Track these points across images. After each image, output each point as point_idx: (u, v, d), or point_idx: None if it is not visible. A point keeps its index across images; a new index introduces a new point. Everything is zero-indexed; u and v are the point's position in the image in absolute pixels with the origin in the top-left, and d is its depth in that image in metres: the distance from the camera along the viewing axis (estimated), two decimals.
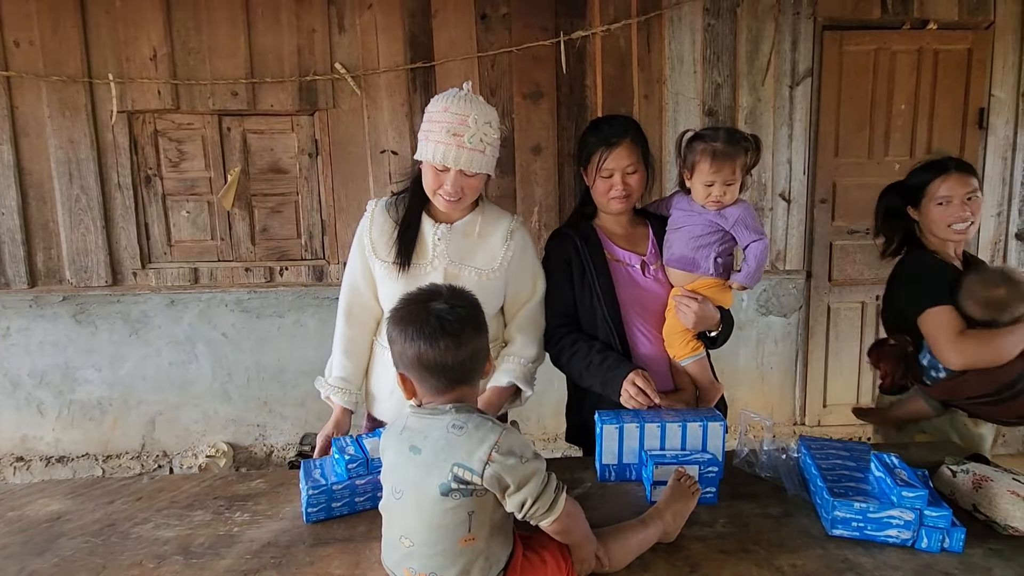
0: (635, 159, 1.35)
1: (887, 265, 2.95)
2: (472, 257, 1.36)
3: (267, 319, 2.82)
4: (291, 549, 1.06)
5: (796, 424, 3.00)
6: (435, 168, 1.27)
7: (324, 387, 1.43)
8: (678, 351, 1.37)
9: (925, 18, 2.70)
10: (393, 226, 1.36)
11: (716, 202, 1.32)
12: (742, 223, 1.31)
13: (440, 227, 1.35)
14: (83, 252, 2.66)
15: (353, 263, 1.41)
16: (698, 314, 1.32)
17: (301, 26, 2.58)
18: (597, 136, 1.37)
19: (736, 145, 1.30)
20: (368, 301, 1.42)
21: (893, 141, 2.81)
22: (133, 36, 2.54)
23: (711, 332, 1.39)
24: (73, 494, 1.29)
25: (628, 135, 1.35)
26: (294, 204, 2.73)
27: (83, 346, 2.78)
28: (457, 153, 1.23)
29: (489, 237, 1.37)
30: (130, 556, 1.05)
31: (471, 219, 1.37)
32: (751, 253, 1.33)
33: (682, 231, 1.37)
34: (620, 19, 2.62)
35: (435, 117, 1.26)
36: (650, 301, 1.40)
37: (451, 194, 1.27)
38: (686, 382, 1.41)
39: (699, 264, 1.35)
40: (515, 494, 0.82)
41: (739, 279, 1.36)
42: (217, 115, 2.63)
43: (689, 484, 1.08)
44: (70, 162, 2.60)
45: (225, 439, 2.89)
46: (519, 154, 2.70)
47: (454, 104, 1.25)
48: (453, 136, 1.23)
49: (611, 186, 1.36)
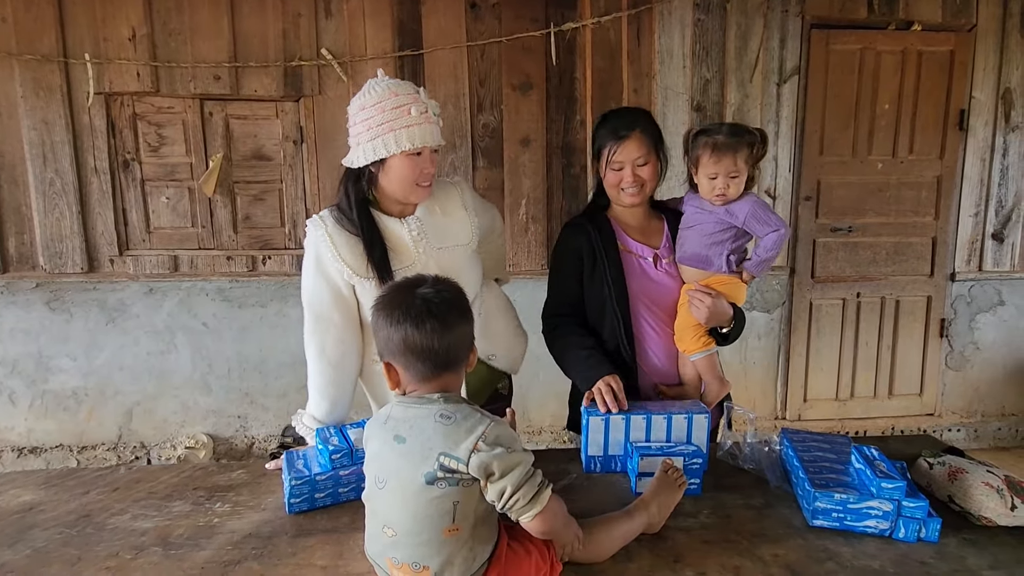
0: (645, 151, 1.34)
1: (867, 263, 3.01)
2: (451, 235, 1.34)
3: (249, 309, 2.77)
4: (273, 540, 1.04)
5: (777, 418, 3.05)
6: (409, 156, 1.21)
7: (300, 426, 1.34)
8: (689, 345, 1.36)
9: (910, 19, 2.74)
10: (356, 240, 1.26)
11: (720, 195, 1.30)
12: (753, 218, 1.30)
13: (411, 221, 1.30)
14: (58, 238, 2.58)
15: (316, 293, 1.27)
16: (711, 309, 1.31)
17: (286, 10, 2.53)
18: (607, 128, 1.37)
19: (738, 137, 1.30)
20: (343, 333, 1.29)
21: (876, 140, 2.85)
22: (111, 15, 2.46)
23: (723, 328, 1.38)
24: (47, 484, 1.25)
25: (638, 127, 1.34)
26: (278, 192, 2.69)
27: (57, 334, 2.71)
28: (429, 129, 1.21)
29: (451, 211, 1.36)
30: (106, 547, 1.03)
31: (428, 201, 1.33)
32: (764, 243, 1.32)
33: (694, 229, 1.36)
34: (610, 12, 2.61)
35: (387, 104, 1.19)
36: (660, 294, 1.39)
37: (430, 176, 1.25)
38: (691, 378, 1.41)
39: (712, 262, 1.34)
40: (497, 481, 0.82)
41: (748, 267, 1.35)
42: (199, 99, 2.57)
43: (676, 476, 1.08)
44: (44, 144, 2.52)
45: (205, 431, 2.85)
46: (507, 146, 2.69)
47: (391, 89, 1.21)
48: (422, 115, 1.20)
49: (621, 179, 1.35)
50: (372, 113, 1.21)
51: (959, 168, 2.89)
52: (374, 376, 1.40)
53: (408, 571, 0.84)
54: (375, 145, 1.21)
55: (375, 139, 1.20)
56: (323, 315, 1.28)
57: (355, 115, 1.24)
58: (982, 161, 2.89)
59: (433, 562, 0.83)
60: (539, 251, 2.75)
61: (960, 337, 3.05)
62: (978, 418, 3.13)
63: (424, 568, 0.84)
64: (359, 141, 1.24)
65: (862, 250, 2.94)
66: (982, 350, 3.07)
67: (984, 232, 2.94)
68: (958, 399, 3.11)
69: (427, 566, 0.83)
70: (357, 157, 1.24)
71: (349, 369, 1.33)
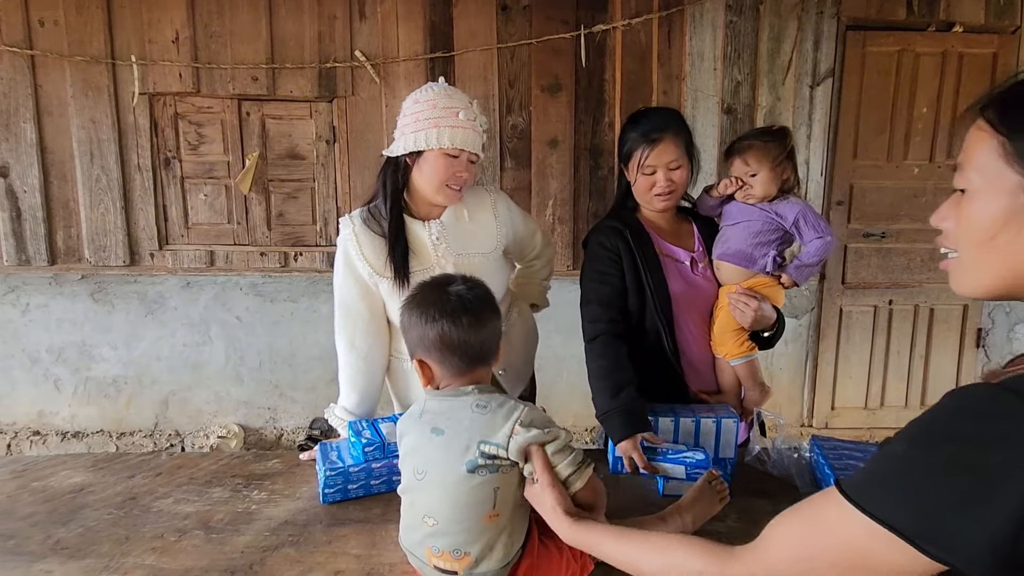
0: (678, 154, 1.30)
1: (901, 269, 2.93)
2: (474, 242, 1.35)
3: (281, 303, 2.85)
4: (308, 528, 1.08)
5: (803, 425, 3.00)
6: (447, 155, 1.25)
7: (332, 418, 1.39)
8: (731, 350, 1.34)
9: (951, 20, 2.67)
10: (382, 241, 1.30)
11: (745, 194, 1.31)
12: (803, 220, 1.29)
13: (432, 225, 1.32)
14: (102, 232, 2.69)
15: (346, 287, 1.33)
16: (757, 313, 1.28)
17: (322, 12, 2.59)
18: (638, 131, 1.31)
19: (753, 138, 1.30)
20: (369, 327, 1.34)
21: (913, 145, 2.79)
22: (156, 19, 2.56)
23: (765, 332, 1.35)
24: (95, 467, 1.31)
25: (670, 129, 1.30)
26: (310, 190, 2.75)
27: (100, 325, 2.82)
28: (472, 136, 1.25)
29: (478, 218, 1.37)
30: (152, 528, 1.08)
31: (456, 206, 1.34)
32: (809, 248, 1.31)
33: (740, 226, 1.33)
34: (641, 14, 2.61)
35: (439, 103, 1.25)
36: (700, 298, 1.36)
37: (465, 181, 1.27)
38: (730, 384, 1.38)
39: (756, 260, 1.31)
40: None
41: (790, 271, 1.33)
42: (237, 99, 2.65)
43: (720, 488, 1.05)
44: (91, 142, 2.63)
45: (236, 421, 2.94)
46: (535, 147, 2.71)
47: (449, 92, 1.27)
48: (466, 119, 1.24)
49: (654, 183, 1.30)
50: (423, 107, 1.25)
51: None
52: (397, 373, 1.44)
53: (448, 558, 0.86)
54: (416, 137, 1.25)
55: (418, 132, 1.25)
56: (352, 309, 1.34)
57: (407, 108, 1.29)
58: None
59: (474, 548, 0.85)
60: (565, 252, 2.76)
61: (997, 348, 2.97)
62: None
63: (465, 555, 0.86)
64: (403, 132, 1.28)
65: (895, 256, 2.88)
66: None
67: None
68: None
69: (468, 552, 0.85)
70: (398, 146, 1.28)
71: (378, 360, 1.38)
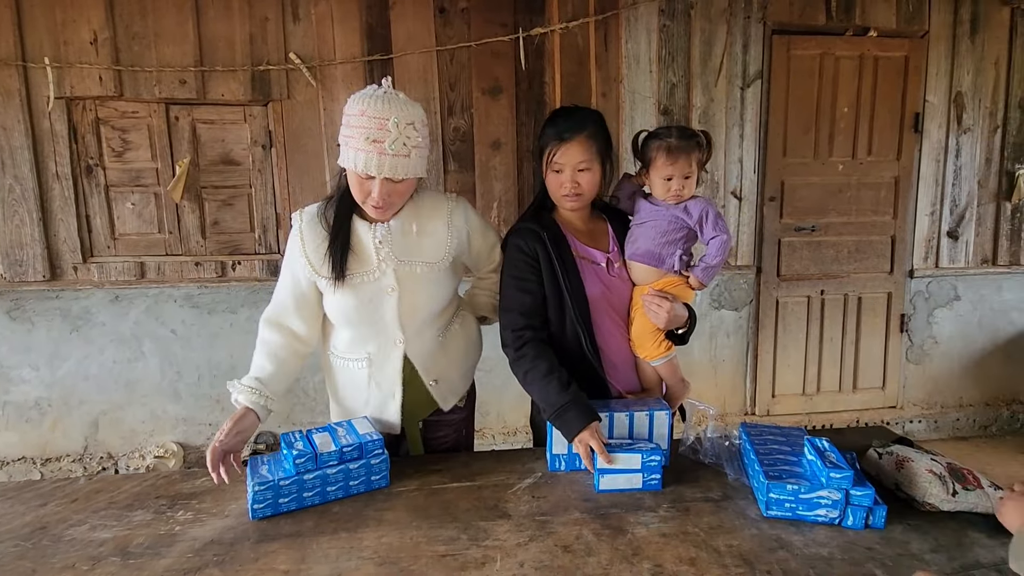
0: (589, 156, 1.28)
1: (830, 261, 3.09)
2: (420, 251, 1.31)
3: (219, 315, 2.74)
4: (235, 546, 1.04)
5: (747, 414, 3.12)
6: (359, 176, 1.19)
7: (234, 388, 1.28)
8: (650, 352, 1.36)
9: (866, 25, 2.83)
10: (325, 237, 1.27)
11: (676, 195, 1.33)
12: (706, 218, 1.33)
13: (378, 228, 1.28)
14: (17, 245, 2.52)
15: (284, 280, 1.33)
16: (670, 313, 1.31)
17: (253, 14, 2.51)
18: (553, 128, 1.32)
19: (689, 140, 1.33)
20: (293, 321, 1.33)
21: (837, 143, 2.94)
22: (71, 19, 2.42)
23: (679, 330, 1.39)
24: (1, 497, 1.23)
25: (584, 131, 1.28)
26: (247, 197, 2.66)
27: (18, 344, 2.64)
28: (380, 161, 1.15)
29: (430, 227, 1.31)
30: (62, 559, 1.01)
31: (408, 213, 1.30)
32: (711, 249, 1.34)
33: (647, 226, 1.36)
34: (578, 17, 2.65)
35: (352, 122, 1.16)
36: (617, 300, 1.38)
37: (378, 202, 1.21)
38: (653, 382, 1.41)
39: (664, 260, 1.34)
40: None
41: (696, 273, 1.35)
42: (164, 103, 2.53)
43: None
44: (2, 150, 2.46)
45: (175, 439, 2.80)
46: (478, 149, 2.71)
47: (372, 106, 1.15)
48: (373, 143, 1.14)
49: (561, 182, 1.31)
50: (347, 122, 1.19)
51: (915, 169, 3.00)
52: (333, 370, 1.41)
53: None
54: (341, 152, 1.21)
55: (341, 147, 1.21)
56: (283, 301, 1.34)
57: (344, 111, 1.21)
58: (936, 162, 3.00)
59: None
60: None
61: (919, 332, 3.16)
62: (937, 409, 3.24)
63: None
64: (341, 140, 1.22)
65: (825, 249, 3.03)
66: (940, 344, 3.18)
67: (940, 230, 3.06)
68: (918, 391, 3.22)
69: None
70: (340, 158, 1.23)
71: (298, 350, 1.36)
